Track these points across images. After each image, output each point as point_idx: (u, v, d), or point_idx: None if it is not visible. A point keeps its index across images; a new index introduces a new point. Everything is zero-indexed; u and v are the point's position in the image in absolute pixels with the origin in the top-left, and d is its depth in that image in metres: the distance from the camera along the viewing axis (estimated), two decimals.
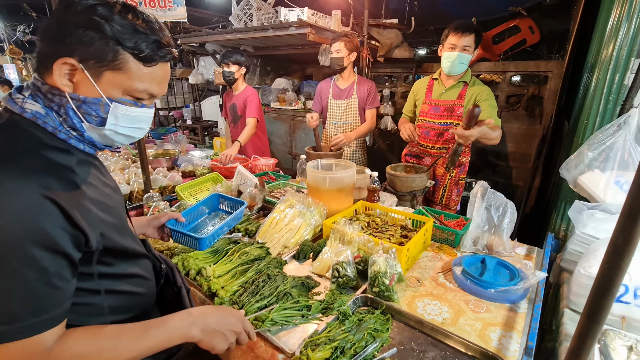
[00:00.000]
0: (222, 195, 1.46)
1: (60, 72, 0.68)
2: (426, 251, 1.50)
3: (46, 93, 0.70)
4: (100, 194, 0.77)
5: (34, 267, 0.60)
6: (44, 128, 0.70)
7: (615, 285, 0.66)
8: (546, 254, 1.33)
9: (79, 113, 0.71)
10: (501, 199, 1.53)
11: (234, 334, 0.85)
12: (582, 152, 1.71)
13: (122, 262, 0.82)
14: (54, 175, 0.66)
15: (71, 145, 0.74)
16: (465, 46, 1.93)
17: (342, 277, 1.20)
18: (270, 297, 1.09)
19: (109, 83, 0.71)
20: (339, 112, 2.68)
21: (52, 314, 0.63)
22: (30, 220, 0.60)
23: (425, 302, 1.15)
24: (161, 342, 0.75)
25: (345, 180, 1.65)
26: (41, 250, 0.61)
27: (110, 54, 0.69)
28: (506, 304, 1.14)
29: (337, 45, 2.48)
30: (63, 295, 0.66)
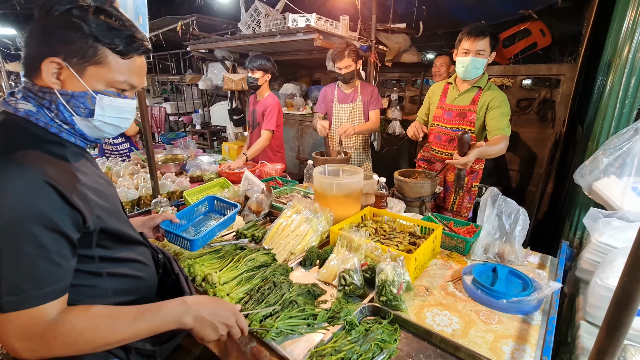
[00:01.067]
0: (217, 198, 1.51)
1: (48, 71, 0.75)
2: (435, 259, 1.47)
3: (37, 92, 0.77)
4: (94, 181, 0.84)
5: (35, 244, 0.67)
6: (36, 124, 0.77)
7: (635, 300, 0.62)
8: (560, 264, 1.29)
9: (68, 107, 0.78)
10: (513, 206, 1.49)
11: (225, 326, 0.88)
12: (597, 157, 1.66)
13: (121, 246, 0.88)
14: (50, 164, 0.73)
15: (63, 139, 0.81)
16: (480, 50, 1.88)
17: (349, 285, 1.18)
18: (275, 305, 1.07)
19: (93, 77, 0.78)
20: (344, 116, 2.71)
21: (54, 287, 0.70)
22: (32, 201, 0.67)
23: (435, 312, 1.12)
24: (155, 326, 0.80)
25: (352, 186, 1.63)
26: (42, 229, 0.67)
27: (91, 50, 0.76)
28: (519, 315, 1.10)
29: (346, 62, 2.49)
30: (63, 271, 0.72)
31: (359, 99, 2.69)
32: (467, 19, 3.92)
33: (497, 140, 1.86)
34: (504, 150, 1.90)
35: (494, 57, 1.96)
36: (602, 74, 2.01)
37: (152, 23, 4.21)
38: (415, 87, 4.57)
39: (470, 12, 3.73)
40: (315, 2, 3.74)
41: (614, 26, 1.85)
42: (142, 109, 1.72)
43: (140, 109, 1.71)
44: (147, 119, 1.75)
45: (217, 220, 1.41)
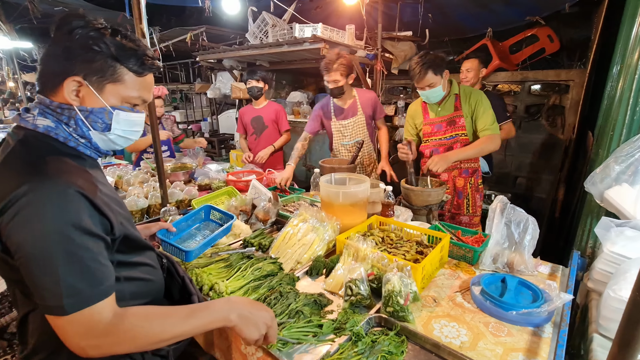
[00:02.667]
0: (213, 207, 1.53)
1: (69, 88, 0.79)
2: (443, 268, 1.46)
3: (55, 109, 0.81)
4: (110, 191, 0.88)
5: (81, 247, 0.71)
6: (56, 139, 0.81)
7: None
8: (572, 274, 1.26)
9: (87, 122, 0.83)
10: (522, 215, 1.47)
11: (266, 326, 0.89)
12: (608, 165, 1.63)
13: (134, 251, 0.92)
14: (76, 175, 0.77)
15: (80, 152, 0.85)
16: (429, 84, 1.97)
17: (355, 295, 1.17)
18: (282, 316, 1.08)
19: (110, 94, 0.83)
20: (347, 132, 2.57)
21: (106, 285, 0.74)
22: (69, 209, 0.71)
23: (442, 324, 1.10)
24: (204, 323, 0.83)
25: (358, 195, 1.63)
26: (82, 234, 0.71)
27: (110, 69, 0.81)
28: (529, 328, 1.07)
29: (333, 76, 2.33)
30: (109, 271, 0.76)
31: (360, 112, 2.54)
32: (474, 26, 3.93)
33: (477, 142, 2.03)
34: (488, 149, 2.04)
35: (447, 75, 2.01)
36: (612, 80, 1.98)
37: (162, 34, 4.31)
38: None
39: (477, 19, 3.73)
40: (322, 12, 3.79)
41: (623, 32, 1.83)
42: (152, 119, 1.75)
43: (151, 119, 1.74)
44: (157, 129, 1.78)
45: (212, 230, 1.44)
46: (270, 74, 4.88)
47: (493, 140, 2.01)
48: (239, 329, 0.86)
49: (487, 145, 2.02)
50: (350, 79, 2.44)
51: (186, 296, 1.05)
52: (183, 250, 1.19)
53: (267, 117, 3.14)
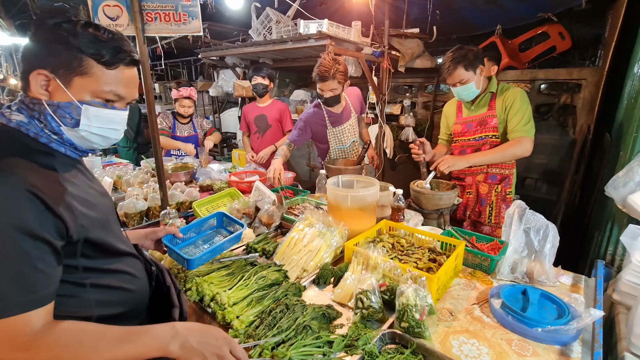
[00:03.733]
0: (226, 215, 1.44)
1: (36, 82, 0.78)
2: (457, 277, 1.38)
3: (28, 104, 0.80)
4: (82, 191, 0.83)
5: (17, 250, 0.67)
6: (27, 134, 0.79)
7: None
8: (599, 287, 1.18)
9: (55, 117, 0.80)
10: (541, 221, 1.38)
11: (217, 357, 0.80)
12: (632, 168, 1.54)
13: (107, 257, 0.87)
14: (36, 173, 0.74)
15: (53, 149, 0.82)
16: (460, 80, 1.85)
17: (367, 308, 1.09)
18: (288, 331, 1.00)
19: (79, 87, 0.80)
20: (343, 138, 2.49)
21: (38, 294, 0.69)
22: (13, 208, 0.67)
23: (461, 341, 1.02)
24: (139, 350, 0.75)
25: (367, 198, 1.55)
26: (23, 235, 0.67)
27: (76, 61, 0.78)
28: (556, 346, 0.99)
29: (330, 84, 2.17)
30: (48, 278, 0.71)
31: (353, 113, 2.46)
32: (483, 24, 3.82)
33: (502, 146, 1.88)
34: (519, 153, 1.85)
35: (484, 71, 1.90)
36: (632, 79, 1.89)
37: None
38: (427, 92, 4.47)
39: (487, 16, 3.63)
40: (328, 8, 3.70)
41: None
42: (152, 118, 1.68)
43: (150, 118, 1.67)
44: (156, 129, 1.71)
45: (222, 237, 1.36)
46: (275, 71, 4.80)
47: (522, 144, 1.81)
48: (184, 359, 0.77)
49: (514, 150, 1.83)
50: (346, 86, 2.30)
51: (167, 308, 0.98)
52: (185, 258, 1.13)
53: (271, 116, 3.09)
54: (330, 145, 2.53)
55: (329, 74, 2.14)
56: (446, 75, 1.89)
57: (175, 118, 3.22)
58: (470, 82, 1.85)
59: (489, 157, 1.90)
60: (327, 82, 2.17)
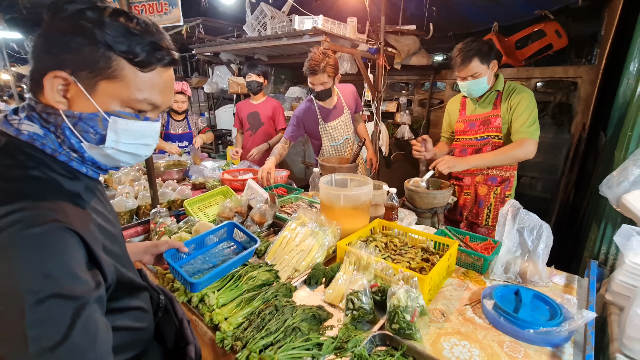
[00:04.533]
0: (237, 226, 1.28)
1: (52, 87, 0.61)
2: (450, 277, 1.36)
3: (41, 113, 0.64)
4: (106, 222, 0.70)
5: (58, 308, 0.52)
6: (42, 150, 0.63)
7: None
8: (592, 287, 1.17)
9: (75, 131, 0.64)
10: (535, 221, 1.37)
11: None
12: (626, 167, 1.53)
13: (127, 295, 0.74)
14: (66, 205, 0.60)
15: (74, 169, 0.67)
16: (474, 74, 1.80)
17: (357, 309, 1.08)
18: (277, 333, 0.98)
19: (106, 94, 0.64)
20: (336, 134, 2.47)
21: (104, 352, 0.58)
22: (55, 254, 0.53)
23: (453, 343, 1.01)
24: None
25: (361, 197, 1.53)
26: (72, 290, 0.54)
27: (102, 60, 0.61)
28: (547, 348, 0.98)
29: (320, 78, 2.16)
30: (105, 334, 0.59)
31: (345, 109, 2.44)
32: (479, 21, 3.80)
33: (504, 148, 1.85)
34: (522, 155, 1.81)
35: (496, 67, 1.85)
36: (628, 77, 1.88)
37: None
38: (424, 90, 4.45)
39: (484, 13, 3.61)
40: (323, 4, 3.66)
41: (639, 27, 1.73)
42: None
43: None
44: None
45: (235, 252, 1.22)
46: (270, 68, 4.76)
47: (525, 146, 1.76)
48: None
49: (516, 152, 1.78)
50: (337, 80, 2.29)
51: (182, 344, 0.86)
52: (190, 281, 0.98)
53: (263, 114, 3.06)
54: (323, 142, 2.51)
55: (319, 68, 2.13)
56: (460, 67, 1.81)
57: (169, 115, 3.18)
58: (482, 77, 1.80)
59: (490, 160, 1.85)
60: (318, 75, 2.16)
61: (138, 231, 1.71)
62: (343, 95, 2.46)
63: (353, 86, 2.55)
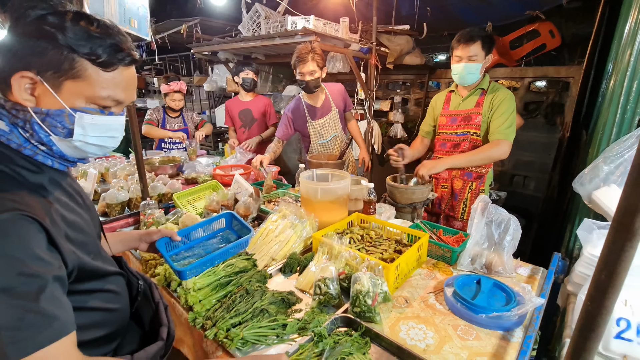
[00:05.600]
0: (235, 216, 1.29)
1: (20, 86, 0.67)
2: (420, 268, 1.43)
3: (10, 110, 0.69)
4: (72, 212, 0.76)
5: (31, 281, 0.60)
6: (7, 145, 0.69)
7: (599, 326, 0.58)
8: (548, 277, 1.23)
9: (44, 126, 0.70)
10: (503, 215, 1.43)
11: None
12: (597, 165, 1.58)
13: (94, 279, 0.79)
14: (27, 195, 0.65)
15: (39, 162, 0.72)
16: (472, 56, 1.83)
17: (324, 294, 1.15)
18: (245, 314, 1.06)
19: (71, 92, 0.70)
20: (324, 131, 2.55)
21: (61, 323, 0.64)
22: (14, 236, 0.59)
23: (410, 326, 1.08)
24: None
25: (338, 191, 1.60)
26: (33, 265, 0.60)
27: (66, 62, 0.67)
28: (499, 332, 1.05)
29: (310, 66, 2.24)
30: (65, 307, 0.65)
31: (333, 107, 2.52)
32: (473, 21, 3.83)
33: (486, 146, 1.89)
34: (496, 155, 1.87)
35: (491, 60, 1.89)
36: (606, 77, 1.92)
37: (157, 25, 4.27)
38: (421, 89, 4.49)
39: (477, 13, 3.65)
40: (318, 4, 3.72)
41: (619, 29, 1.77)
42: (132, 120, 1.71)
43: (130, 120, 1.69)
44: (137, 126, 1.75)
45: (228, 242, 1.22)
46: (267, 67, 4.83)
47: (499, 147, 1.83)
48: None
49: (491, 152, 1.86)
50: (323, 72, 2.37)
51: (156, 326, 0.91)
52: (176, 269, 1.00)
53: (256, 110, 3.15)
54: (311, 139, 2.59)
55: (307, 57, 2.23)
56: (461, 46, 1.84)
57: (165, 112, 3.27)
58: (478, 63, 1.84)
59: (467, 159, 1.92)
60: (307, 63, 2.24)
61: (129, 222, 1.80)
62: (331, 94, 2.53)
63: (341, 85, 2.62)
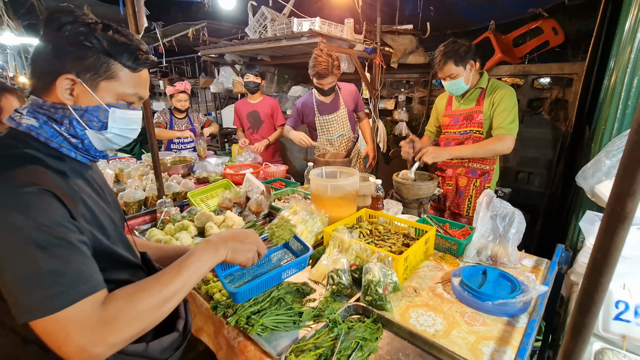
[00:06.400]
0: (295, 237, 1.30)
1: (62, 87, 0.77)
2: (428, 260, 1.48)
3: (49, 109, 0.79)
4: (90, 198, 0.82)
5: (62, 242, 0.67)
6: (37, 139, 0.78)
7: (596, 303, 0.63)
8: (552, 267, 1.27)
9: (82, 121, 0.81)
10: (508, 208, 1.48)
11: (253, 246, 0.96)
12: (599, 159, 1.62)
13: (114, 268, 0.84)
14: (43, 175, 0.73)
15: (63, 154, 0.81)
16: (451, 74, 1.91)
17: (337, 284, 1.21)
18: (263, 302, 1.12)
19: (105, 91, 0.82)
20: (331, 127, 2.64)
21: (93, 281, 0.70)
22: (41, 206, 0.67)
23: (419, 313, 1.13)
24: (198, 269, 0.82)
25: (347, 188, 1.66)
26: (62, 228, 0.68)
27: (104, 66, 0.79)
28: (504, 318, 1.10)
29: (329, 79, 2.39)
30: (93, 265, 0.72)
31: (342, 106, 2.60)
32: (476, 19, 3.87)
33: (484, 142, 1.94)
34: (500, 149, 1.91)
35: (475, 67, 1.94)
36: (608, 73, 1.96)
37: (165, 29, 4.36)
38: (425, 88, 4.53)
39: (479, 11, 3.68)
40: (323, 6, 3.78)
41: (620, 25, 1.81)
42: (148, 114, 1.79)
43: (146, 114, 1.79)
44: (152, 126, 1.83)
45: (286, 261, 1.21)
46: (274, 68, 4.90)
47: (504, 141, 1.88)
48: (232, 259, 0.91)
49: (495, 146, 1.90)
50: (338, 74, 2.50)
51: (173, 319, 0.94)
52: (230, 291, 0.97)
53: (263, 112, 3.21)
54: (318, 134, 2.68)
55: (328, 72, 2.33)
56: (437, 69, 1.95)
57: (172, 114, 3.36)
58: (459, 77, 1.91)
59: (471, 151, 1.97)
60: (328, 78, 2.37)
61: (146, 220, 1.87)
62: (342, 93, 2.61)
63: (354, 87, 2.70)
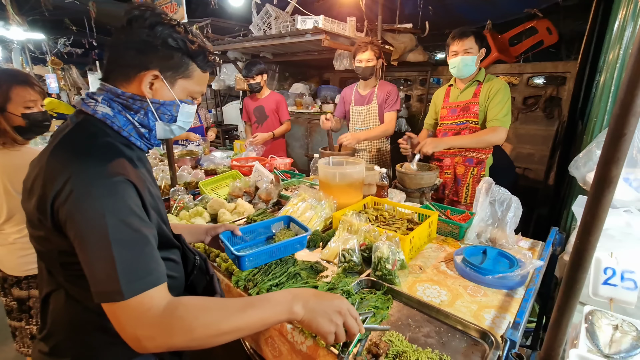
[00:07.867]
0: (293, 219, 1.41)
1: (146, 81, 0.83)
2: (431, 243, 1.57)
3: (127, 99, 0.84)
4: (151, 185, 0.89)
5: (136, 232, 0.72)
6: (111, 127, 0.83)
7: (586, 259, 0.73)
8: (547, 246, 1.37)
9: (156, 114, 0.88)
10: (506, 194, 1.58)
11: (340, 315, 0.80)
12: (590, 149, 1.73)
13: (163, 248, 0.87)
14: (126, 164, 0.77)
15: (131, 142, 0.87)
16: (467, 49, 2.00)
17: (348, 262, 1.30)
18: (281, 277, 1.20)
19: (180, 88, 0.89)
20: (359, 119, 2.71)
21: (159, 271, 0.74)
22: (122, 195, 0.72)
23: (426, 286, 1.23)
24: (266, 316, 0.75)
25: (354, 175, 1.75)
26: (135, 219, 0.72)
27: (184, 66, 0.87)
28: (504, 290, 1.19)
29: (367, 54, 2.48)
30: (159, 259, 0.76)
31: (374, 101, 2.65)
32: (474, 19, 3.98)
33: (489, 131, 2.03)
34: (493, 140, 2.02)
35: (483, 55, 2.06)
36: (599, 71, 2.07)
37: None
38: (423, 86, 4.64)
39: (477, 11, 3.80)
40: (324, 4, 3.87)
41: (610, 24, 1.92)
42: None
43: None
44: None
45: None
46: (274, 65, 4.98)
47: (497, 133, 1.99)
48: (308, 323, 0.78)
49: (489, 137, 2.01)
50: (379, 62, 2.59)
51: (210, 294, 1.02)
52: (237, 255, 1.07)
53: (268, 107, 3.27)
54: (350, 124, 2.78)
55: (367, 46, 2.48)
56: (456, 40, 2.01)
57: None
58: (473, 55, 2.02)
59: (467, 141, 2.09)
60: (365, 52, 2.48)
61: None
62: (379, 89, 2.65)
63: (394, 87, 2.67)
